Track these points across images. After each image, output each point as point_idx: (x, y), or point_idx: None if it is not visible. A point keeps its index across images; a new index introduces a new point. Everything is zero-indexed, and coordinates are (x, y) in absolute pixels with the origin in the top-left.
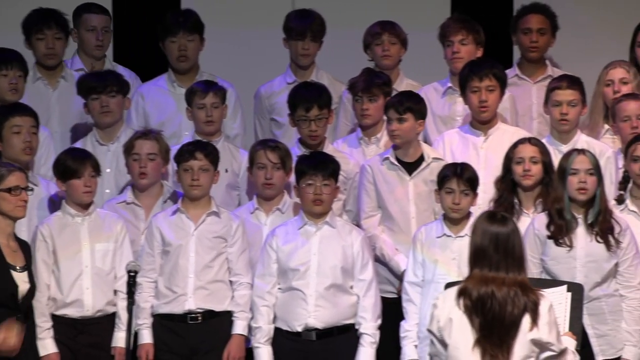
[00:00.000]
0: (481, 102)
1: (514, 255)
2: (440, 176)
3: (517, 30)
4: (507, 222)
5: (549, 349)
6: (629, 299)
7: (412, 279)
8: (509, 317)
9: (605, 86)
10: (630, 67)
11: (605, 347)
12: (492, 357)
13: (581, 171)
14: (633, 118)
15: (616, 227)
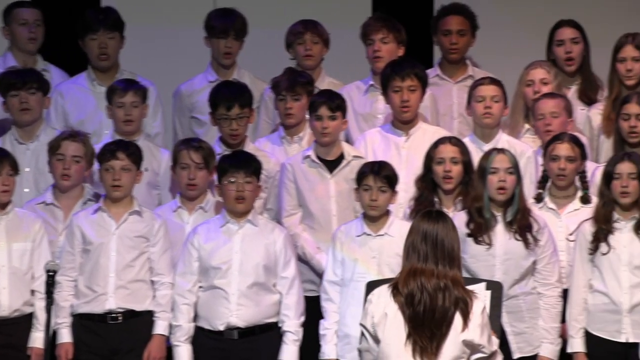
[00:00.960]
0: (403, 102)
1: (443, 249)
2: (359, 174)
3: (437, 32)
4: (439, 218)
5: (480, 350)
6: (547, 297)
7: (331, 278)
8: (440, 310)
9: (526, 86)
10: (550, 67)
11: (523, 344)
12: (422, 349)
13: (501, 170)
14: (547, 116)
15: (534, 225)
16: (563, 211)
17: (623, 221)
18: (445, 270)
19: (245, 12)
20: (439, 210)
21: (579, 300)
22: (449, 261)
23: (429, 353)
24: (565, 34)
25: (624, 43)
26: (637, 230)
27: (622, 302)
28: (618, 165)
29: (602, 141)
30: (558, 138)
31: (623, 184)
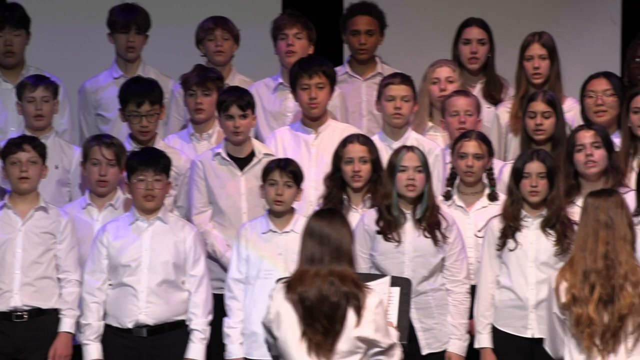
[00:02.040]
0: (311, 100)
1: (339, 248)
2: (264, 170)
3: (346, 31)
4: (331, 216)
5: (377, 345)
6: (455, 293)
7: (235, 276)
8: (330, 305)
9: (431, 84)
10: (455, 66)
11: (431, 340)
12: (317, 346)
13: (410, 168)
14: (461, 113)
15: (443, 222)
16: (471, 208)
17: (530, 218)
18: (333, 266)
19: (153, 9)
20: (331, 208)
21: (487, 296)
22: (337, 257)
23: (324, 350)
24: (473, 33)
25: (531, 42)
26: (543, 228)
27: (529, 298)
28: (527, 164)
29: (510, 139)
30: (465, 136)
31: (532, 184)
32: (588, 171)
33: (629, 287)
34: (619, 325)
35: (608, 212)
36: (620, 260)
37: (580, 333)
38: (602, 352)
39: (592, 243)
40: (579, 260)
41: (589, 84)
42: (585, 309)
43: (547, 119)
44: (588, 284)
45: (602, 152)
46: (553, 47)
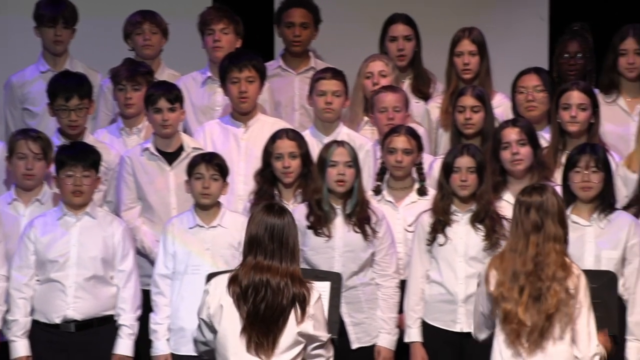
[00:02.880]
0: (241, 93)
1: (287, 247)
2: (190, 164)
3: (281, 23)
4: (284, 214)
5: (317, 340)
6: (385, 288)
7: (162, 271)
8: (279, 307)
9: (365, 78)
10: (389, 60)
11: (361, 334)
12: (257, 344)
13: (340, 163)
14: (390, 109)
15: (373, 217)
16: (401, 203)
17: (460, 213)
18: (287, 266)
19: (81, 2)
20: (281, 205)
21: (416, 290)
22: (290, 257)
23: (265, 348)
24: (399, 30)
25: (461, 37)
26: (473, 222)
27: (458, 293)
28: (457, 159)
29: (440, 134)
30: (395, 131)
31: (462, 178)
32: (514, 169)
33: (556, 286)
34: (547, 325)
35: (539, 212)
36: (549, 262)
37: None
38: (529, 349)
39: (523, 246)
40: (510, 259)
41: (519, 80)
42: (514, 308)
43: (476, 113)
44: (517, 286)
45: (528, 149)
46: (483, 43)
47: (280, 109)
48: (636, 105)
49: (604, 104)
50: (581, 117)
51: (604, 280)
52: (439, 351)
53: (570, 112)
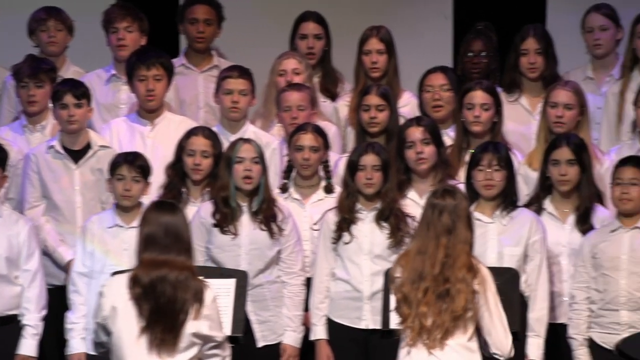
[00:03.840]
0: (148, 91)
1: (182, 241)
2: (112, 163)
3: (184, 20)
4: (175, 210)
5: (212, 340)
6: (291, 285)
7: (80, 270)
8: (180, 301)
9: (278, 76)
10: (302, 58)
11: (267, 332)
12: (161, 341)
13: (246, 160)
14: (293, 108)
15: (279, 215)
16: (307, 201)
17: (365, 211)
18: (184, 261)
19: None
20: (171, 201)
21: (322, 288)
22: (186, 252)
23: (166, 346)
24: (309, 28)
25: (369, 36)
26: (378, 220)
27: (363, 290)
28: (362, 157)
29: (348, 132)
30: (302, 128)
31: (367, 176)
32: (418, 168)
33: (464, 288)
34: (452, 325)
35: (451, 215)
36: (459, 265)
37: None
38: (429, 346)
39: (433, 248)
40: (416, 261)
41: (426, 79)
42: (414, 310)
43: (381, 112)
44: (422, 287)
45: (432, 148)
46: (390, 42)
47: (184, 107)
48: (537, 104)
49: (507, 103)
50: (484, 116)
51: (507, 277)
52: (344, 348)
53: (474, 112)
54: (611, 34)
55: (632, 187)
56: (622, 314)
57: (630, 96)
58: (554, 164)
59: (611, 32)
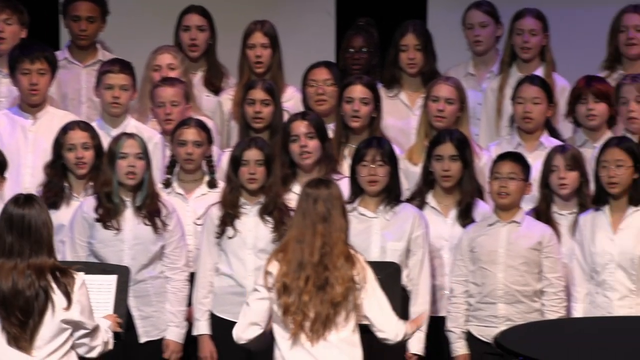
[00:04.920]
0: (32, 85)
1: (30, 237)
2: None
3: (67, 16)
4: (27, 202)
5: (82, 327)
6: (174, 281)
7: None
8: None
9: (153, 71)
10: (177, 52)
11: (150, 328)
12: (15, 338)
13: (130, 155)
14: (167, 104)
15: (163, 210)
16: (191, 196)
17: (249, 206)
18: (32, 259)
19: None
20: (29, 195)
21: (205, 283)
22: (37, 249)
23: (22, 341)
24: (192, 20)
25: (253, 30)
26: (262, 215)
27: (247, 285)
28: (246, 152)
29: (232, 126)
30: (185, 123)
31: (250, 171)
32: (303, 162)
33: (342, 275)
34: (333, 313)
35: (326, 204)
36: (336, 252)
37: (289, 320)
38: (311, 337)
39: (310, 236)
40: (295, 250)
41: (310, 73)
42: (297, 299)
43: (266, 106)
44: (303, 275)
45: (316, 142)
46: (275, 36)
47: (67, 101)
48: (417, 100)
49: (386, 98)
50: (363, 111)
51: (388, 271)
52: (227, 343)
53: (353, 106)
54: (491, 30)
55: (510, 182)
56: (500, 307)
57: (509, 92)
58: (437, 159)
59: (491, 28)
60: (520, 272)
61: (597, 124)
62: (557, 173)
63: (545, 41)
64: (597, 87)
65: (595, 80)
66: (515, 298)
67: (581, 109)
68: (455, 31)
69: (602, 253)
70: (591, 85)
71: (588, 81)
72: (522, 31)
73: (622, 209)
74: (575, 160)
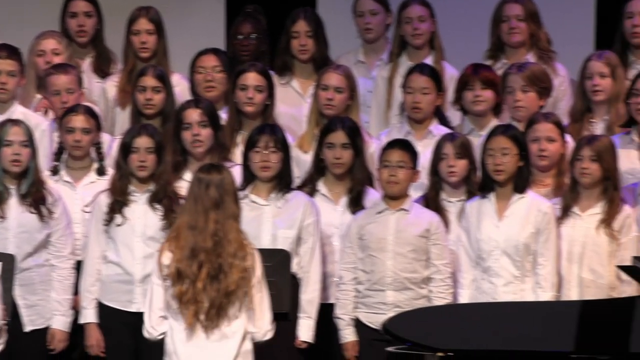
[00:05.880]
0: None
1: None
2: None
3: None
4: None
5: None
6: (60, 269)
7: None
8: None
9: (37, 56)
10: (62, 37)
11: (35, 317)
12: None
13: (15, 143)
14: (63, 92)
15: (49, 197)
16: (79, 183)
17: (138, 193)
18: None
19: None
20: None
21: (92, 271)
22: None
23: None
24: (79, 6)
25: (138, 16)
26: (151, 203)
27: (135, 273)
28: (136, 139)
29: (117, 113)
30: (73, 110)
31: (141, 158)
32: (195, 150)
33: (236, 264)
34: (226, 302)
35: (218, 189)
36: (230, 239)
37: (184, 309)
38: (206, 328)
39: (203, 222)
40: (188, 237)
41: (198, 60)
42: (191, 286)
43: (158, 93)
44: (196, 262)
45: (209, 130)
46: (160, 22)
47: None
48: (309, 87)
49: (279, 85)
50: (257, 98)
51: (278, 259)
52: (114, 331)
53: (247, 94)
54: (381, 18)
55: (399, 170)
56: (388, 294)
57: (399, 80)
58: (329, 147)
59: (381, 16)
60: (409, 260)
61: (483, 109)
62: (447, 161)
63: (433, 27)
64: (484, 74)
65: (482, 67)
66: (404, 285)
67: (468, 95)
68: (345, 18)
69: (487, 240)
70: (478, 73)
71: (475, 68)
72: (410, 19)
73: (507, 196)
74: (465, 148)
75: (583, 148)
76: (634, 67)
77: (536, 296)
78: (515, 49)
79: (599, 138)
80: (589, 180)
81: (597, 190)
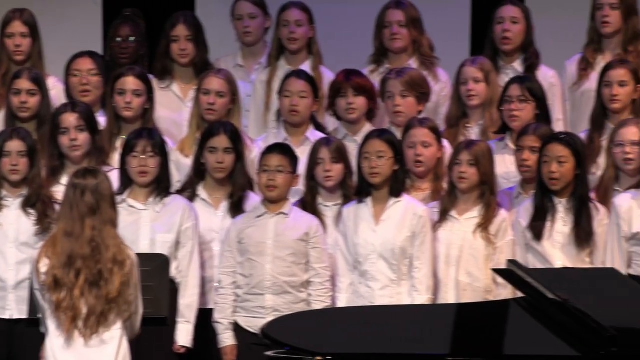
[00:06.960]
0: None
1: None
2: None
3: None
4: None
5: None
6: None
7: None
8: None
9: None
10: None
11: None
12: None
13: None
14: None
15: None
16: None
17: (11, 198)
18: None
19: None
20: None
21: None
22: None
23: None
24: None
25: (12, 19)
26: (24, 207)
27: (8, 279)
28: (7, 142)
29: None
30: None
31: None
32: (72, 154)
33: (117, 270)
34: (107, 309)
35: (94, 195)
36: (108, 245)
37: (62, 316)
38: (85, 334)
39: (79, 228)
40: (64, 243)
41: (73, 63)
42: (68, 294)
43: (33, 96)
44: (74, 269)
45: (86, 134)
46: (34, 25)
47: None
48: (189, 92)
49: (158, 89)
50: (136, 102)
51: (157, 263)
52: None
53: (125, 98)
54: (260, 22)
55: (278, 174)
56: (267, 298)
57: (277, 84)
58: (211, 152)
59: (260, 20)
60: (288, 264)
61: (356, 117)
62: (323, 165)
63: (311, 33)
64: (356, 81)
65: (354, 74)
66: (283, 289)
67: (341, 103)
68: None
69: (364, 244)
70: (350, 80)
71: (347, 75)
72: (287, 22)
73: (383, 200)
74: (340, 152)
75: (461, 152)
76: (503, 72)
77: (412, 299)
78: (398, 54)
79: (477, 143)
80: (466, 185)
81: (474, 194)
